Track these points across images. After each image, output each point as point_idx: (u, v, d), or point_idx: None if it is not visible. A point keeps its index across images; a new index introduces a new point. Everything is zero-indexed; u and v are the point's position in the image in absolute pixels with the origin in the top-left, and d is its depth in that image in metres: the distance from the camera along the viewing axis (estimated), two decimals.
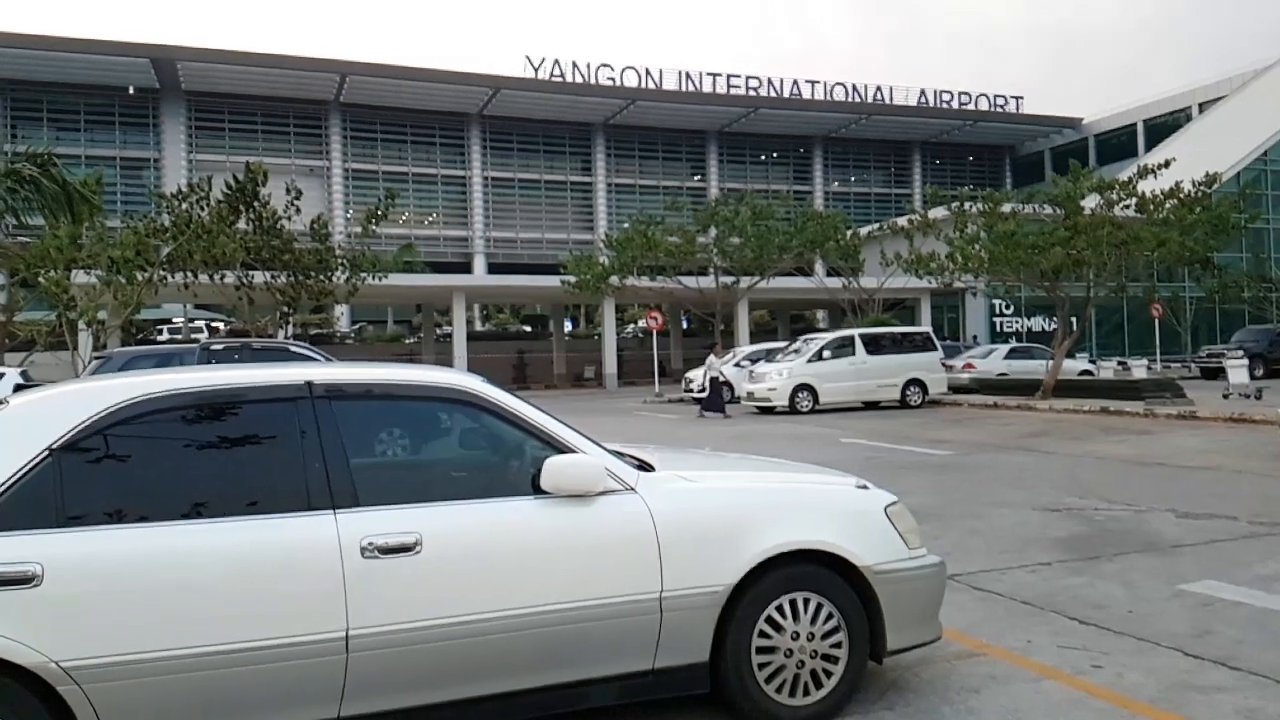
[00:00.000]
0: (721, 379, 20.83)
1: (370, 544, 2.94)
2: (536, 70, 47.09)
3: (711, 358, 21.32)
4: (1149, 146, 50.07)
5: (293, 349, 13.58)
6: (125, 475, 2.94)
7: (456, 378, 3.47)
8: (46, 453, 2.79)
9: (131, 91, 44.10)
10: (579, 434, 3.45)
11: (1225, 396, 19.36)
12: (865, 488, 3.85)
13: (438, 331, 40.79)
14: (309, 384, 3.15)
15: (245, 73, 43.76)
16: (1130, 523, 7.21)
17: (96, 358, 13.45)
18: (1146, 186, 21.47)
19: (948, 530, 7.00)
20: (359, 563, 2.92)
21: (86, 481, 2.84)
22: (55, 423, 2.86)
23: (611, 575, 3.22)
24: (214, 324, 41.97)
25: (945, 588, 3.91)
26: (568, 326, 48.07)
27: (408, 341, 43.97)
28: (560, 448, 3.30)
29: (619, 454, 3.64)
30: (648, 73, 49.02)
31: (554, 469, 3.18)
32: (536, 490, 3.22)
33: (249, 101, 45.84)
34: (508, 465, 3.46)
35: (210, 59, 42.82)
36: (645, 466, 3.61)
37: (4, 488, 2.72)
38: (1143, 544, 6.45)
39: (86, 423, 2.86)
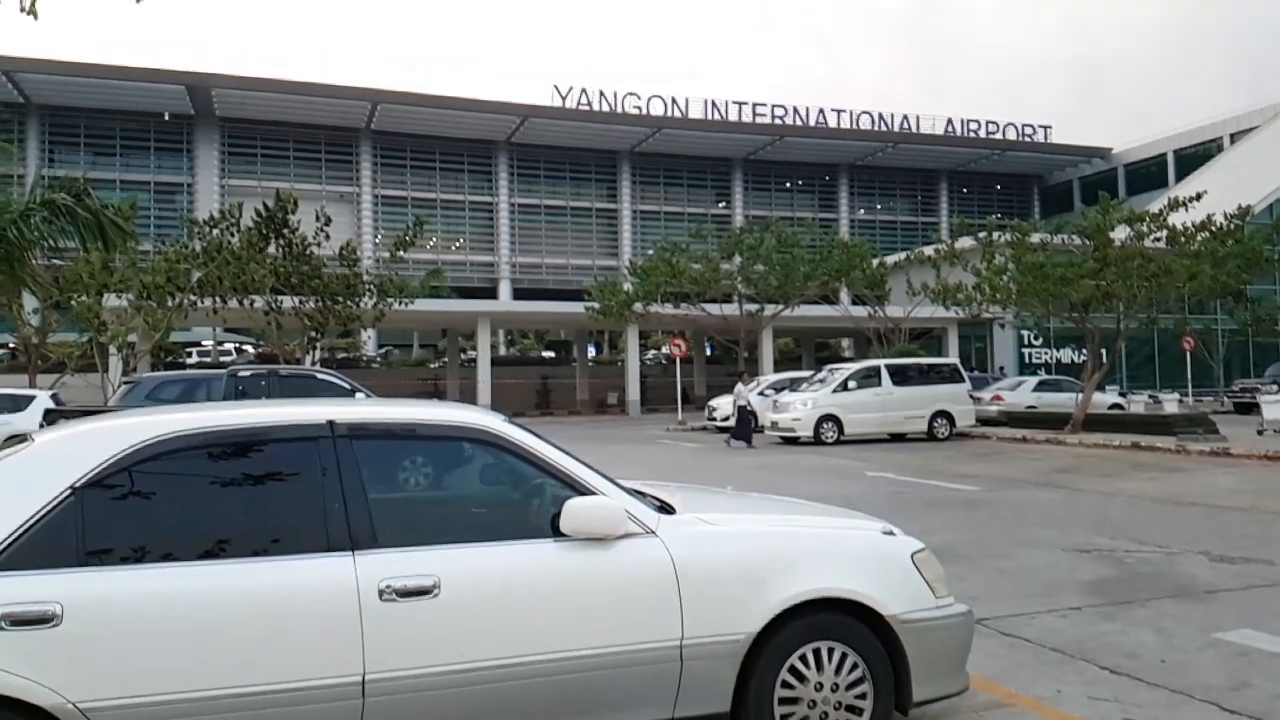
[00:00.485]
0: (749, 407, 20.73)
1: (388, 586, 2.91)
2: (564, 99, 47.62)
3: (739, 386, 21.21)
4: (1180, 177, 49.69)
5: (319, 376, 13.71)
6: (146, 514, 2.95)
7: (477, 417, 3.45)
8: (69, 491, 2.80)
9: (167, 117, 45.00)
10: (599, 474, 3.41)
11: (1260, 433, 19.01)
12: (891, 533, 3.79)
13: (462, 356, 41.03)
14: (331, 423, 3.14)
15: (278, 100, 44.56)
16: (1162, 566, 7.05)
17: (125, 382, 13.66)
18: (1177, 219, 21.25)
19: (975, 571, 6.87)
20: (377, 605, 2.89)
21: (107, 520, 2.85)
22: (78, 461, 2.87)
23: (631, 622, 3.17)
24: (242, 347, 42.47)
25: (973, 637, 3.82)
26: (591, 352, 48.19)
27: (432, 366, 44.24)
28: (580, 489, 3.27)
29: (639, 494, 3.60)
30: (674, 101, 49.40)
31: (574, 512, 3.15)
32: (556, 532, 3.18)
33: (281, 128, 46.62)
34: (528, 506, 3.44)
35: (245, 86, 43.65)
36: (666, 508, 3.57)
37: (27, 527, 2.73)
38: (1176, 589, 6.29)
39: (109, 462, 2.87)
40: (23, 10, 4.00)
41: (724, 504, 4.31)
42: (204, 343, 42.70)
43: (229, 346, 43.01)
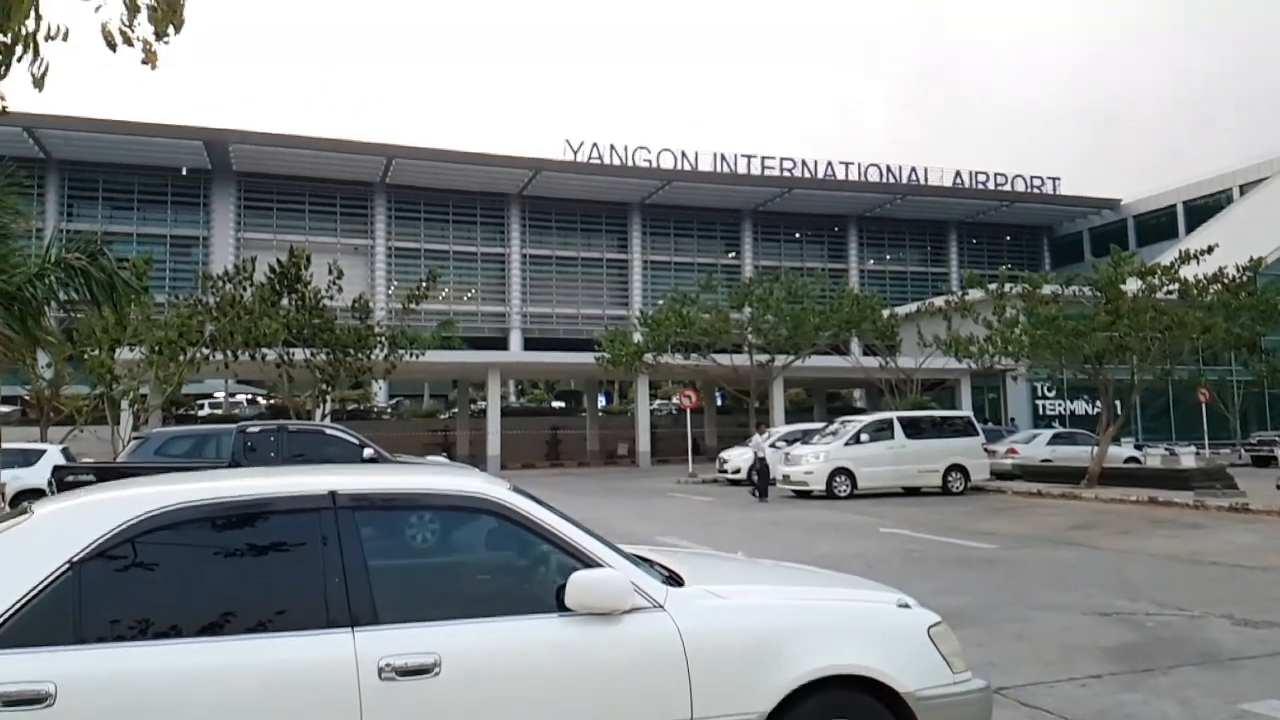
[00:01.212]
0: (765, 459, 20.61)
1: (388, 664, 2.85)
2: (575, 153, 48.27)
3: (757, 438, 21.10)
4: (1190, 228, 49.80)
5: (327, 432, 13.69)
6: (143, 590, 2.91)
7: (481, 485, 3.39)
8: (67, 565, 2.76)
9: (184, 172, 45.61)
10: (605, 544, 3.35)
11: (1278, 487, 18.76)
12: (907, 605, 3.69)
13: (472, 407, 41.01)
14: (333, 494, 3.10)
15: (295, 155, 45.23)
16: (1184, 630, 6.88)
17: (135, 438, 13.70)
18: (1189, 271, 21.22)
19: (992, 636, 6.72)
20: (376, 685, 2.83)
21: (104, 596, 2.80)
22: (77, 535, 2.83)
23: (638, 701, 3.08)
24: (255, 399, 42.57)
25: (991, 713, 3.71)
26: (601, 402, 48.16)
27: (442, 417, 44.22)
28: (586, 561, 3.20)
29: (646, 562, 3.54)
30: (683, 155, 50.00)
31: (579, 586, 3.08)
32: (561, 607, 3.11)
33: (297, 182, 47.33)
34: (531, 578, 3.36)
35: (262, 142, 44.32)
36: (674, 578, 3.50)
37: (23, 603, 2.68)
38: (1199, 655, 6.13)
39: (108, 535, 2.84)
40: (35, 85, 4.09)
41: (734, 574, 4.23)
42: (216, 394, 42.84)
43: (240, 398, 43.14)
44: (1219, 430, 35.45)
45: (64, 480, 12.21)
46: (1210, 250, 20.92)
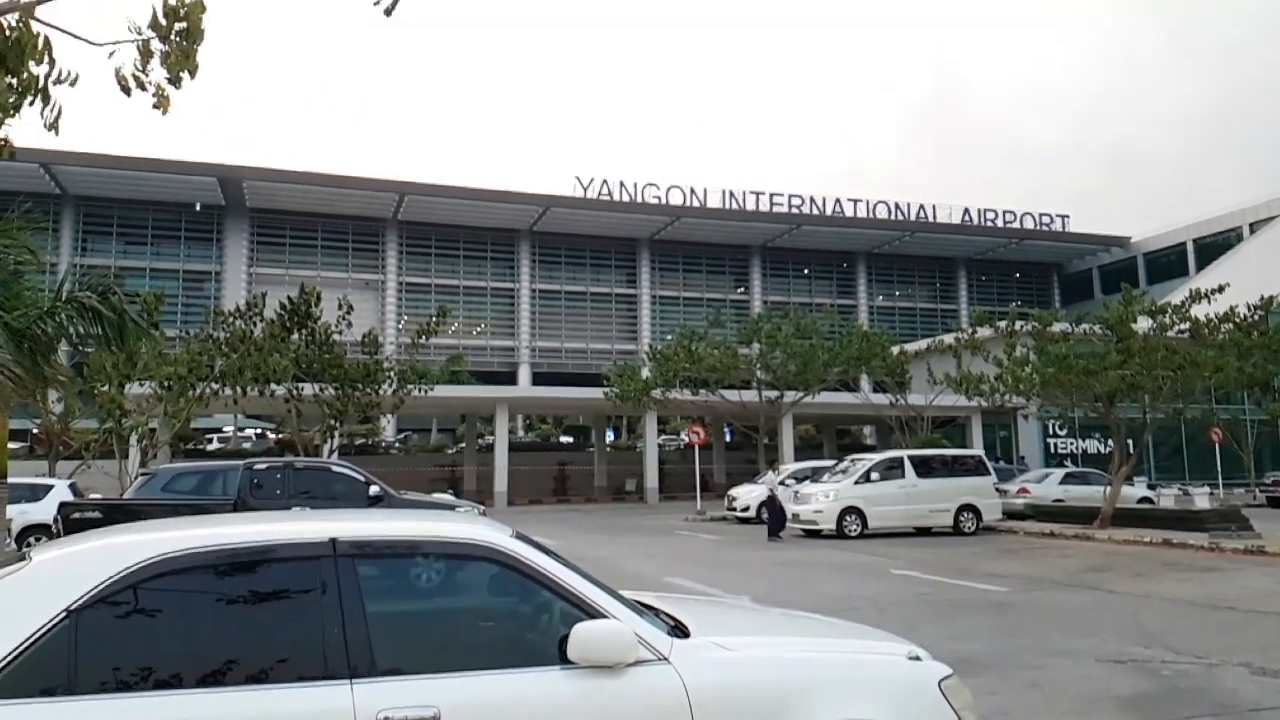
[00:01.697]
0: (778, 497, 20.44)
1: (386, 718, 2.80)
2: (585, 189, 48.67)
3: (770, 475, 20.92)
4: (1200, 266, 49.72)
5: (334, 469, 13.67)
6: (139, 640, 2.87)
7: (484, 533, 3.34)
8: (64, 614, 2.72)
9: (198, 208, 46.10)
10: (609, 594, 3.30)
11: None
12: (918, 658, 3.61)
13: (480, 442, 40.96)
14: (334, 541, 3.05)
15: (308, 191, 45.71)
16: (1201, 679, 6.74)
17: (142, 473, 13.70)
18: (1200, 310, 21.14)
19: (1005, 684, 6.59)
20: None
21: (99, 646, 2.77)
22: (75, 583, 2.79)
23: None
24: (264, 433, 42.69)
25: None
26: (610, 436, 48.06)
27: (449, 452, 44.18)
28: (590, 611, 3.14)
29: (652, 611, 3.48)
30: (692, 191, 50.31)
31: (582, 638, 3.03)
32: (563, 658, 3.06)
33: (310, 218, 47.81)
34: (534, 628, 3.29)
35: (276, 178, 44.82)
36: (679, 627, 3.45)
37: (18, 652, 2.65)
38: (1216, 705, 6.00)
39: (106, 583, 2.80)
40: (47, 128, 4.17)
41: (741, 623, 4.15)
42: (225, 429, 42.94)
43: (249, 432, 43.25)
44: (1233, 469, 35.11)
45: (69, 517, 12.11)
46: (1221, 289, 20.88)
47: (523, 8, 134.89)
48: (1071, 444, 37.04)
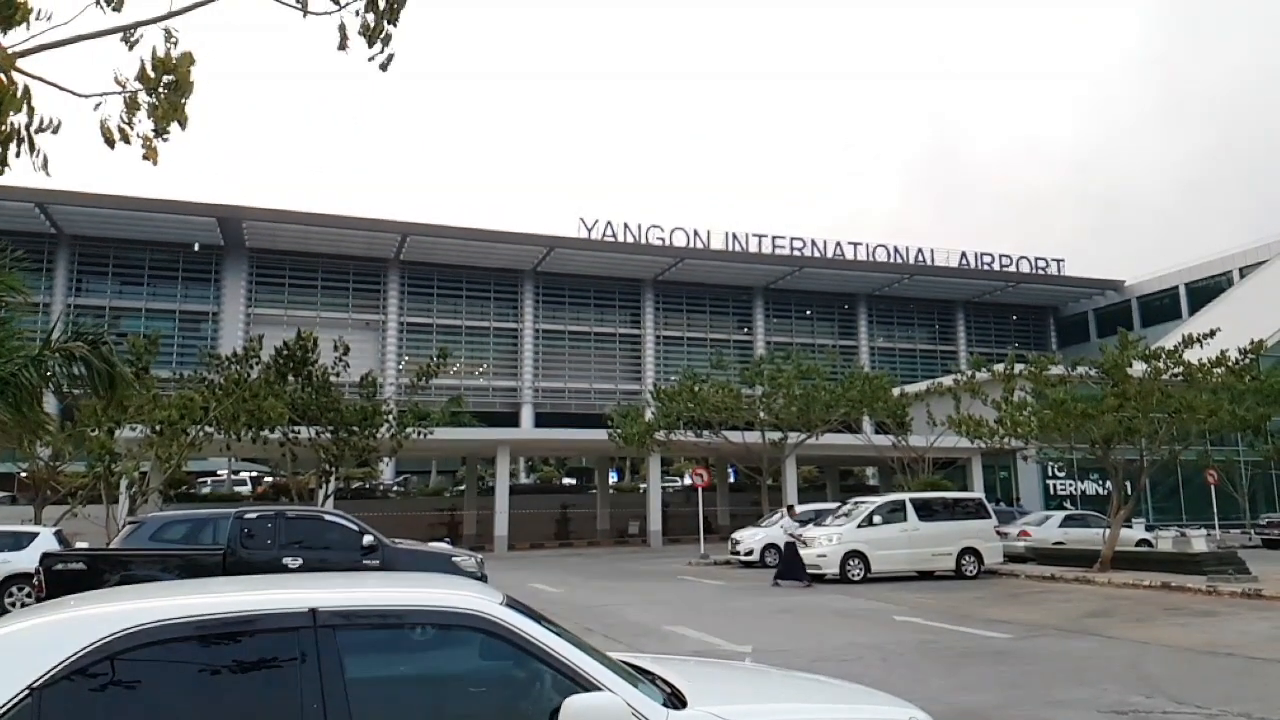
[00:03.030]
0: (793, 541, 20.30)
1: None
2: (590, 230, 49.17)
3: (786, 519, 20.92)
4: (1192, 309, 50.36)
5: (326, 518, 13.55)
6: (108, 718, 2.70)
7: (472, 601, 3.16)
8: (26, 692, 2.56)
9: (196, 248, 45.91)
10: (603, 663, 3.16)
11: None
12: None
13: (480, 484, 40.78)
14: (314, 612, 2.91)
15: (309, 232, 45.72)
16: None
17: (130, 522, 13.54)
18: (1193, 355, 21.56)
19: None
20: None
21: None
22: (38, 659, 2.62)
23: None
24: (260, 478, 42.35)
25: None
26: (613, 477, 48.05)
27: (448, 495, 43.95)
28: (582, 682, 2.99)
29: (648, 675, 3.40)
30: (696, 233, 50.90)
31: (574, 712, 2.88)
32: None
33: (310, 258, 47.80)
34: (525, 698, 3.15)
35: (276, 219, 44.76)
36: (676, 695, 3.35)
37: None
38: None
39: (72, 658, 2.63)
40: (37, 170, 4.08)
41: (740, 690, 4.01)
42: (219, 472, 42.61)
43: (244, 476, 42.92)
44: (1229, 510, 35.36)
45: (52, 569, 11.63)
46: (1212, 333, 21.31)
47: (529, 57, 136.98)
48: (1071, 485, 37.30)
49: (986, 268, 55.31)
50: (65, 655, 2.63)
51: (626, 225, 49.80)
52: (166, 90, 4.13)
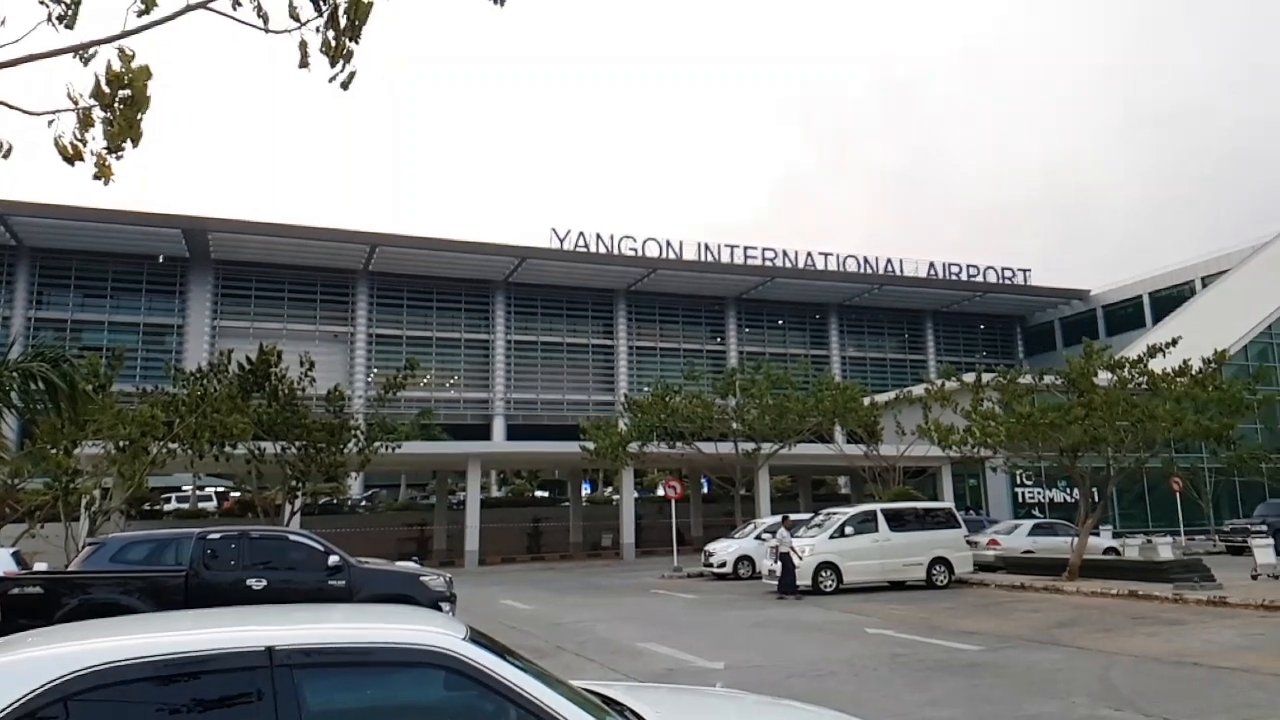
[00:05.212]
0: (790, 554, 19.86)
1: None
2: (562, 241, 49.18)
3: (782, 531, 20.61)
4: (1156, 317, 51.21)
5: (291, 538, 13.36)
6: None
7: (436, 637, 3.07)
8: None
9: (160, 260, 45.19)
10: (570, 699, 3.08)
11: (1254, 577, 19.12)
12: None
13: (451, 499, 40.26)
14: (270, 650, 2.83)
15: (276, 243, 45.16)
16: None
17: (90, 543, 13.26)
18: (1157, 364, 21.86)
19: None
20: None
21: None
22: None
23: None
24: (226, 493, 41.59)
25: None
26: (586, 489, 47.82)
27: (418, 505, 43.38)
28: None
29: (619, 708, 3.33)
30: (668, 244, 51.02)
31: None
32: None
33: (277, 270, 47.31)
34: None
35: (242, 230, 44.20)
36: None
37: None
38: None
39: (24, 700, 2.57)
40: None
41: (711, 717, 3.93)
42: (184, 488, 41.81)
43: (209, 491, 42.11)
44: (1193, 517, 35.94)
45: (6, 593, 11.24)
46: (1175, 342, 21.62)
47: (499, 63, 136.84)
48: (1039, 493, 37.71)
49: (954, 278, 55.96)
50: (16, 697, 2.55)
51: (599, 235, 49.88)
52: (123, 105, 4.02)
